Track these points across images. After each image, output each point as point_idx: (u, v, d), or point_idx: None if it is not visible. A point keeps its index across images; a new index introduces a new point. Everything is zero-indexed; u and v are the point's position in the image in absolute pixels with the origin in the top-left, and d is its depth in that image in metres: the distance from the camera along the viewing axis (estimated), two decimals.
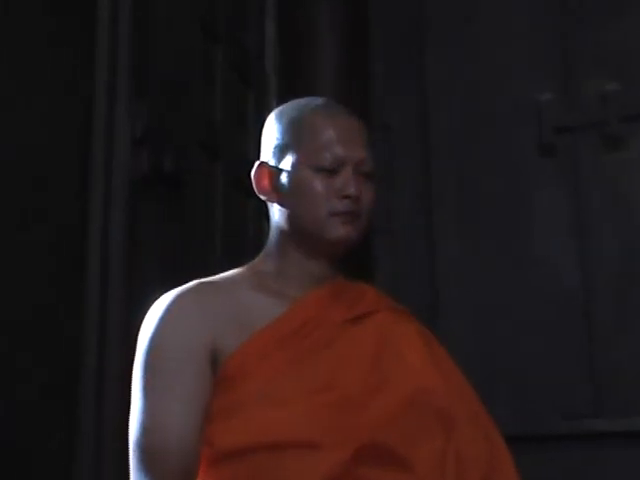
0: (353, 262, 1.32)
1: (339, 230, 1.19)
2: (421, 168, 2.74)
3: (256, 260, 1.28)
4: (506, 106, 2.69)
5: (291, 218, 1.22)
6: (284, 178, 1.21)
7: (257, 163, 1.26)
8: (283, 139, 1.22)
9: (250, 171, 1.26)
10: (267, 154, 1.25)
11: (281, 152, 1.22)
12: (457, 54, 2.77)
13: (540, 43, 2.68)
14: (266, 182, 1.24)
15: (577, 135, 2.60)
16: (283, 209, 1.23)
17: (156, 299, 1.19)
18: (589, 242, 2.54)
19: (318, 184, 1.18)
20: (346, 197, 1.19)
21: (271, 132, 1.25)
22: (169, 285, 1.22)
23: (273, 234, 1.26)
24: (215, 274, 1.26)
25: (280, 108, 1.28)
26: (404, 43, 2.84)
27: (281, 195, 1.22)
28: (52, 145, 1.60)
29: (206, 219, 2.24)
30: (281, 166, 1.22)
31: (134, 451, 1.11)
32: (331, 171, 1.19)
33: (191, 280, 1.22)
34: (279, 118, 1.25)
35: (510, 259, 2.59)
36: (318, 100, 1.26)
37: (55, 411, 1.53)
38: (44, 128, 1.58)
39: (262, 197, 1.26)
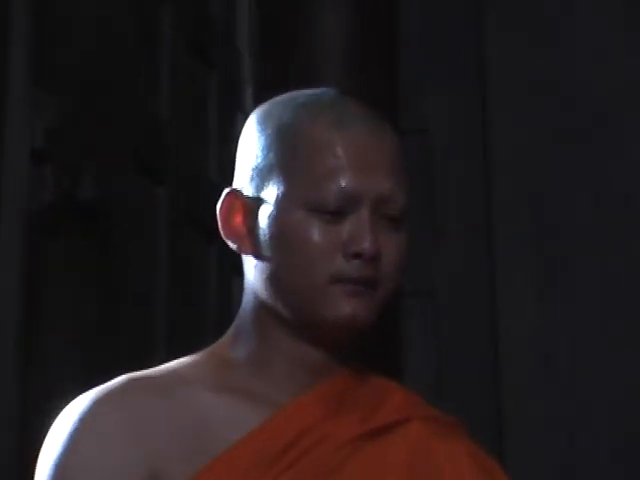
0: (369, 342, 1.31)
1: (341, 307, 1.18)
2: (476, 193, 2.75)
3: (220, 342, 1.27)
4: (602, 100, 2.71)
5: (273, 280, 1.21)
6: (265, 218, 1.21)
7: (226, 191, 1.25)
8: (266, 158, 1.22)
9: (214, 201, 1.25)
10: (242, 178, 1.25)
11: (262, 177, 1.22)
12: (526, 36, 2.80)
13: None
14: (238, 221, 1.24)
15: None
16: (262, 265, 1.22)
17: (64, 403, 1.18)
18: None
19: (315, 232, 1.18)
20: (357, 255, 1.17)
21: (249, 145, 1.25)
22: (85, 378, 1.22)
23: (247, 302, 1.26)
24: (156, 363, 1.25)
25: (264, 107, 1.27)
26: (449, 13, 2.86)
27: (259, 243, 1.22)
28: None
29: (144, 272, 2.24)
30: (262, 197, 1.22)
31: None
32: (336, 213, 1.18)
33: (119, 372, 1.21)
34: (261, 124, 1.25)
35: (618, 338, 2.58)
36: (323, 95, 1.25)
37: None
38: None
39: (231, 244, 1.25)
